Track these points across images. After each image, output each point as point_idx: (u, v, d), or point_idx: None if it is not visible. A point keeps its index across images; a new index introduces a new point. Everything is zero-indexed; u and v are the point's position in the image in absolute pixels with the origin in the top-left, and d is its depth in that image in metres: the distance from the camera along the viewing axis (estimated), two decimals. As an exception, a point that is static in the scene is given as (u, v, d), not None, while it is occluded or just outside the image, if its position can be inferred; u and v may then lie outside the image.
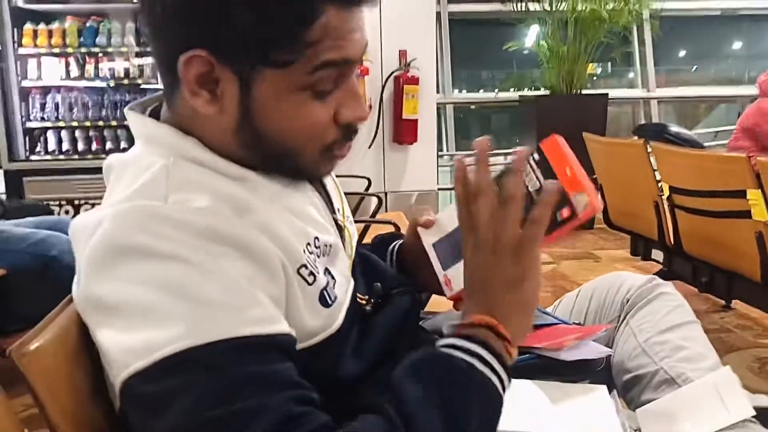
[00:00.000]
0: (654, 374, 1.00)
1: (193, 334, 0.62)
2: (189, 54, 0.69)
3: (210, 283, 0.65)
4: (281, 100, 0.72)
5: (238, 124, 0.74)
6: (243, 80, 0.71)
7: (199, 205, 0.70)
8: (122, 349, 0.64)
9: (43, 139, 4.61)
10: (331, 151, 0.79)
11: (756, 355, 2.56)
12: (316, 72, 0.71)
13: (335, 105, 0.76)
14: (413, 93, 4.27)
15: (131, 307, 0.65)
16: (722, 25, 8.50)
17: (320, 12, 0.69)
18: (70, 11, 4.57)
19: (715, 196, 2.34)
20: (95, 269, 0.67)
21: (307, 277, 0.75)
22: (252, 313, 0.65)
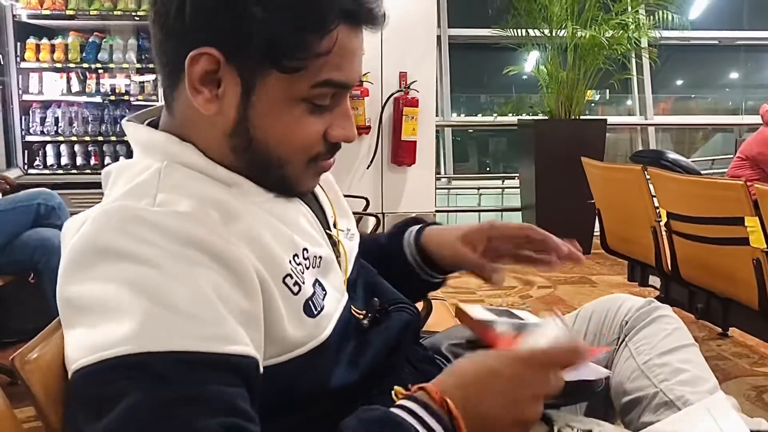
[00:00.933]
0: (653, 397, 1.00)
1: (145, 339, 0.61)
2: (199, 51, 0.71)
3: (176, 290, 0.64)
4: (279, 108, 0.74)
5: (232, 127, 0.76)
6: (246, 84, 0.73)
7: (182, 209, 0.70)
8: (76, 346, 0.63)
9: (41, 152, 4.62)
10: (315, 164, 0.81)
11: (752, 383, 2.55)
12: (317, 88, 0.74)
13: (328, 122, 0.78)
14: (413, 115, 4.29)
15: (94, 305, 0.64)
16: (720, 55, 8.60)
17: (332, 25, 0.72)
18: (73, 27, 4.61)
19: (713, 223, 2.34)
20: (71, 269, 0.67)
21: (291, 287, 0.75)
22: (211, 330, 0.64)
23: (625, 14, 5.01)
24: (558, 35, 4.91)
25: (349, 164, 4.27)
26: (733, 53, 8.56)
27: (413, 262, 1.11)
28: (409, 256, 1.11)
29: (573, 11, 4.85)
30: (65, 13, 4.51)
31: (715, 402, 0.93)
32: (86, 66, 4.56)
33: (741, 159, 4.13)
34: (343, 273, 0.89)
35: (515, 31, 5.16)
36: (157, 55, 0.78)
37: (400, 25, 4.32)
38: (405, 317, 0.95)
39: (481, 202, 7.06)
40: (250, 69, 0.73)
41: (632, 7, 5.09)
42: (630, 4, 5.11)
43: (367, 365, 0.84)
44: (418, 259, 1.11)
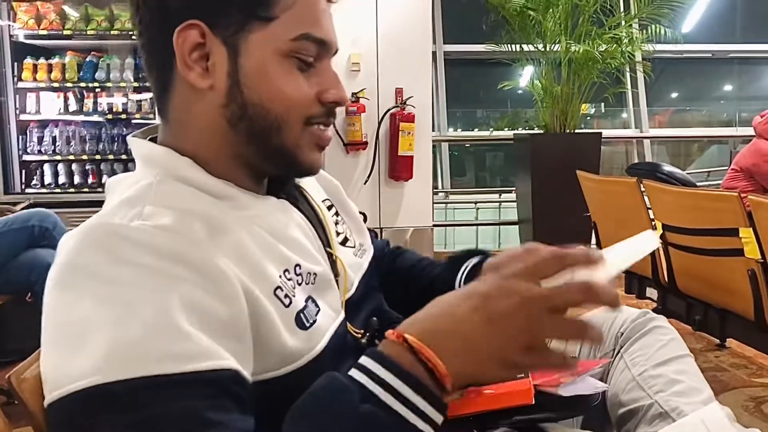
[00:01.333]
0: (648, 408, 1.00)
1: (108, 369, 0.60)
2: (184, 24, 0.75)
3: (143, 313, 0.63)
4: (267, 64, 0.78)
5: (226, 98, 0.78)
6: (231, 47, 0.77)
7: (163, 223, 0.70)
8: (47, 371, 0.64)
9: (39, 172, 4.63)
10: (313, 128, 0.82)
11: (750, 394, 2.55)
12: (297, 41, 0.78)
13: (317, 84, 0.81)
14: (409, 130, 4.31)
15: (62, 326, 0.64)
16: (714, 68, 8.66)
17: None
18: (70, 47, 4.63)
19: (708, 235, 2.36)
20: (49, 288, 0.67)
21: (282, 299, 0.75)
22: (178, 348, 0.62)
23: (619, 28, 5.05)
24: (552, 50, 4.95)
25: (347, 180, 4.29)
26: (727, 66, 8.62)
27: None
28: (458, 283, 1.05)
29: (566, 26, 4.88)
30: (62, 33, 4.54)
31: (709, 413, 0.94)
32: (83, 85, 4.58)
33: (735, 171, 4.15)
34: (341, 292, 0.89)
35: (509, 47, 5.19)
36: (147, 61, 0.82)
37: (395, 41, 4.36)
38: None
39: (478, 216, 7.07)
40: (233, 30, 0.76)
41: (625, 22, 5.14)
42: (623, 18, 5.16)
43: None
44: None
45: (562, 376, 1.02)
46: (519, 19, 4.93)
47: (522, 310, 0.63)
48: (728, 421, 0.94)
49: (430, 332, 0.64)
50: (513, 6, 4.89)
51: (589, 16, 4.91)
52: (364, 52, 4.28)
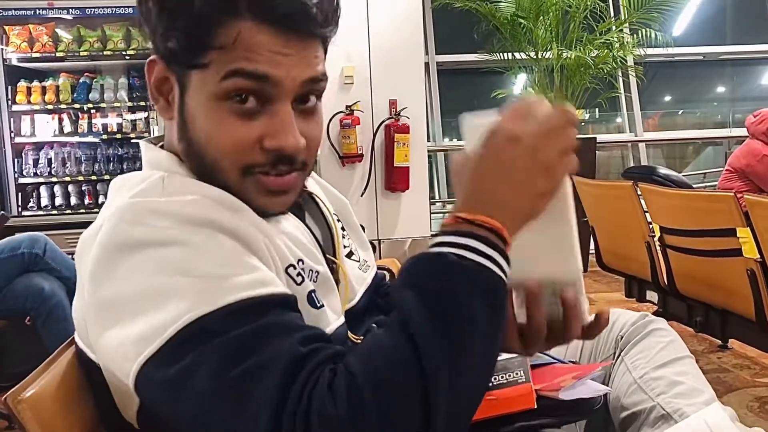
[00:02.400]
0: (650, 410, 1.00)
1: (196, 306, 0.64)
2: (150, 59, 0.79)
3: (204, 257, 0.67)
4: (205, 106, 0.76)
5: (180, 132, 0.80)
6: (180, 85, 0.78)
7: (189, 198, 0.73)
8: (131, 340, 0.65)
9: (35, 194, 4.62)
10: (257, 176, 0.78)
11: (755, 394, 2.54)
12: (225, 80, 0.74)
13: (262, 129, 0.76)
14: (404, 141, 4.32)
15: (133, 298, 0.66)
16: (706, 70, 8.68)
17: (229, 19, 0.73)
18: (63, 68, 4.64)
19: (705, 236, 2.36)
20: (98, 273, 0.69)
21: (295, 277, 0.78)
22: (249, 277, 0.67)
23: (609, 34, 5.07)
24: (544, 57, 4.97)
25: (343, 192, 4.23)
26: (719, 68, 8.65)
27: None
28: None
29: (557, 33, 4.91)
30: (55, 55, 4.56)
31: (711, 413, 0.93)
32: (78, 106, 4.59)
33: (730, 171, 4.16)
34: (342, 298, 0.89)
35: (502, 55, 5.21)
36: None
37: (388, 53, 4.37)
38: None
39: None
40: (179, 70, 0.78)
41: (616, 27, 5.17)
42: (613, 23, 5.19)
43: None
44: None
45: (563, 380, 1.02)
46: (510, 27, 4.95)
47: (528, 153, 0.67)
48: (730, 421, 0.94)
49: (474, 201, 0.67)
50: (504, 15, 4.92)
51: (579, 22, 4.94)
52: (357, 65, 4.29)
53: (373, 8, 4.32)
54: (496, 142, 0.68)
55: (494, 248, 0.64)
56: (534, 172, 0.67)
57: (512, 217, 0.66)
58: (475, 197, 0.67)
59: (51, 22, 4.59)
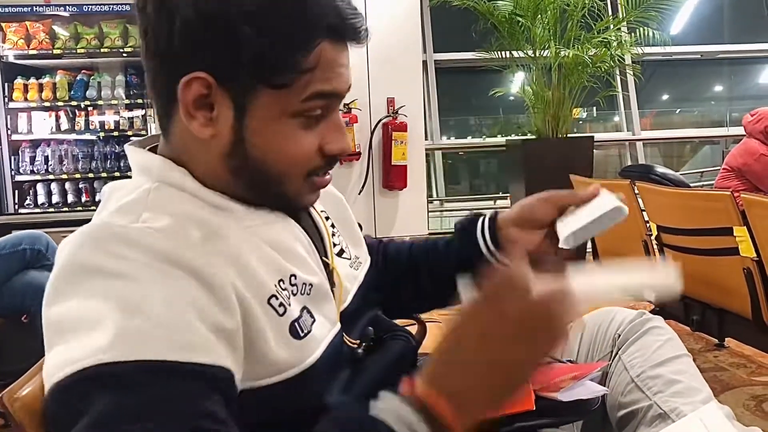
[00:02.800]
0: (648, 409, 1.00)
1: (114, 349, 0.61)
2: (190, 76, 0.73)
3: (149, 300, 0.64)
4: (273, 125, 0.76)
5: (229, 149, 0.77)
6: (238, 104, 0.75)
7: (159, 226, 0.71)
8: (50, 365, 0.63)
9: (32, 192, 4.62)
10: (313, 178, 0.82)
11: (751, 393, 2.54)
12: (307, 101, 0.76)
13: (321, 136, 0.80)
14: (402, 139, 4.32)
15: (71, 323, 0.64)
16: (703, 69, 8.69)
17: (316, 43, 0.75)
18: (61, 66, 4.64)
19: (702, 234, 2.36)
20: (51, 290, 0.68)
21: (277, 308, 0.75)
22: (184, 339, 0.64)
23: (607, 32, 5.07)
24: (542, 56, 4.96)
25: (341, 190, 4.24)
26: (716, 67, 8.66)
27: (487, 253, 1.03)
28: (487, 253, 1.03)
29: (555, 31, 4.90)
30: (52, 53, 4.55)
31: (708, 412, 0.93)
32: (75, 104, 4.59)
33: (727, 170, 4.17)
34: (337, 302, 0.89)
35: (500, 54, 5.21)
36: (151, 87, 0.80)
37: (386, 51, 4.37)
38: (400, 345, 0.95)
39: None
40: (241, 89, 0.74)
41: (614, 25, 5.16)
42: (611, 22, 5.18)
43: (363, 393, 0.84)
44: (496, 255, 1.02)
45: (561, 381, 1.02)
46: (508, 25, 4.95)
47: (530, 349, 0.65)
48: (727, 419, 0.94)
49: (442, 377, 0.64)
50: (502, 13, 4.92)
51: (577, 20, 4.93)
52: (355, 63, 4.26)
53: (371, 6, 4.33)
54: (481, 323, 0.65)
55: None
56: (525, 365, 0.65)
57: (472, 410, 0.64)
58: (445, 372, 0.64)
59: (48, 19, 4.58)
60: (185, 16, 0.72)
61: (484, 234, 1.03)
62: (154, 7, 0.74)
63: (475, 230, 1.04)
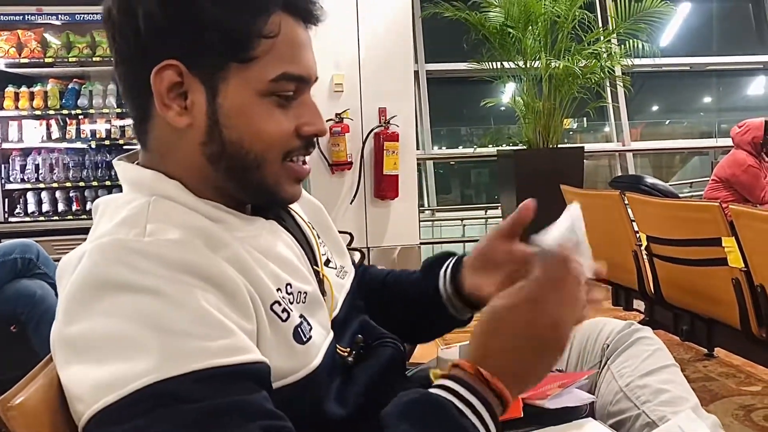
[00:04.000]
0: (636, 418, 1.01)
1: (163, 367, 0.62)
2: (161, 65, 0.75)
3: (181, 314, 0.65)
4: (246, 105, 0.78)
5: (205, 136, 0.78)
6: (210, 87, 0.77)
7: (172, 237, 0.72)
8: (89, 384, 0.64)
9: (23, 200, 4.60)
10: (291, 164, 0.83)
11: (740, 402, 2.56)
12: (276, 82, 0.78)
13: (296, 117, 0.81)
14: (393, 149, 4.33)
15: (102, 340, 0.65)
16: (692, 80, 8.77)
17: (273, 8, 0.78)
18: (52, 74, 4.63)
19: (691, 245, 2.38)
20: (71, 307, 0.68)
21: (280, 314, 0.77)
22: (222, 343, 0.66)
23: (597, 44, 5.11)
24: (532, 66, 4.99)
25: (333, 200, 4.29)
26: (705, 78, 8.74)
27: (445, 297, 1.06)
28: (442, 290, 1.06)
29: (546, 43, 4.93)
30: (44, 61, 4.55)
31: (685, 419, 0.94)
32: (66, 112, 4.58)
33: (716, 181, 4.21)
34: (328, 310, 0.90)
35: (491, 64, 5.23)
36: (126, 94, 0.82)
37: (377, 61, 4.39)
38: (389, 352, 0.96)
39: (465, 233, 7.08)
40: (211, 70, 0.76)
41: (604, 37, 5.20)
42: (601, 34, 5.22)
43: (354, 401, 0.85)
44: (450, 293, 1.05)
45: (549, 389, 1.02)
46: (499, 37, 4.98)
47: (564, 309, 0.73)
48: (704, 425, 0.95)
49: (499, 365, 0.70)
50: (493, 24, 4.94)
51: (567, 32, 4.97)
52: (347, 73, 4.31)
53: (363, 17, 4.34)
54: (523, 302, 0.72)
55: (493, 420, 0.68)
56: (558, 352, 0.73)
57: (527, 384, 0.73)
58: (503, 361, 0.70)
59: (40, 28, 4.58)
60: (147, 7, 0.74)
61: (446, 276, 1.06)
62: (118, 9, 0.77)
63: (440, 270, 1.07)
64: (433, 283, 1.07)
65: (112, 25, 0.78)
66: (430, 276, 1.08)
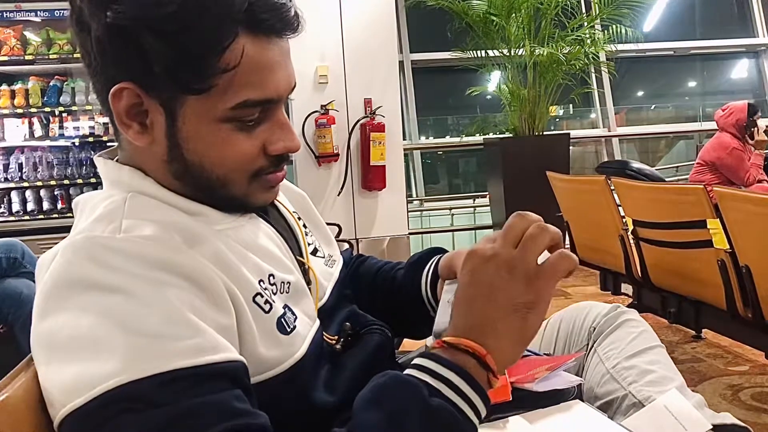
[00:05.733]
0: (623, 399, 1.02)
1: (129, 369, 0.61)
2: (117, 87, 0.73)
3: (149, 314, 0.65)
4: (205, 130, 0.75)
5: (167, 155, 0.77)
6: (168, 110, 0.74)
7: (147, 233, 0.71)
8: (59, 386, 0.63)
9: (6, 200, 4.56)
10: (260, 178, 0.80)
11: (728, 382, 2.59)
12: (238, 109, 0.74)
13: (263, 137, 0.78)
14: (380, 140, 4.32)
15: (71, 339, 0.64)
16: (676, 65, 8.81)
17: (230, 38, 0.71)
18: (33, 72, 4.58)
19: (677, 228, 2.39)
20: (43, 304, 0.68)
21: (263, 306, 0.76)
22: (191, 343, 0.65)
23: (581, 30, 5.12)
24: (517, 54, 5.00)
25: (320, 192, 4.28)
26: (689, 63, 8.78)
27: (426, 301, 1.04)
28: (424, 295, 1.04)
29: (530, 30, 4.94)
30: (24, 59, 4.50)
31: (670, 397, 0.95)
32: (48, 110, 4.54)
33: (701, 164, 4.23)
34: (313, 298, 0.90)
35: (475, 53, 5.24)
36: (98, 97, 0.80)
37: (362, 52, 4.38)
38: (377, 339, 0.96)
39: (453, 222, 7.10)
40: (167, 96, 0.74)
41: (587, 23, 5.21)
42: (585, 20, 5.23)
43: (344, 388, 0.85)
44: (430, 296, 1.03)
45: (537, 372, 1.03)
46: (483, 25, 4.98)
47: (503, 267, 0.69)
48: (690, 403, 0.96)
49: (461, 326, 0.69)
50: (476, 12, 4.94)
51: (551, 19, 4.98)
52: (331, 64, 4.29)
53: (346, 7, 4.32)
54: (473, 266, 0.70)
55: (472, 385, 0.65)
56: (514, 287, 0.68)
57: (501, 337, 0.67)
58: (462, 322, 0.69)
59: (19, 25, 4.53)
60: (95, 31, 0.71)
61: (427, 279, 1.04)
62: (75, 26, 0.75)
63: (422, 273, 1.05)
64: (416, 286, 1.05)
65: (75, 37, 0.76)
66: (414, 278, 1.06)
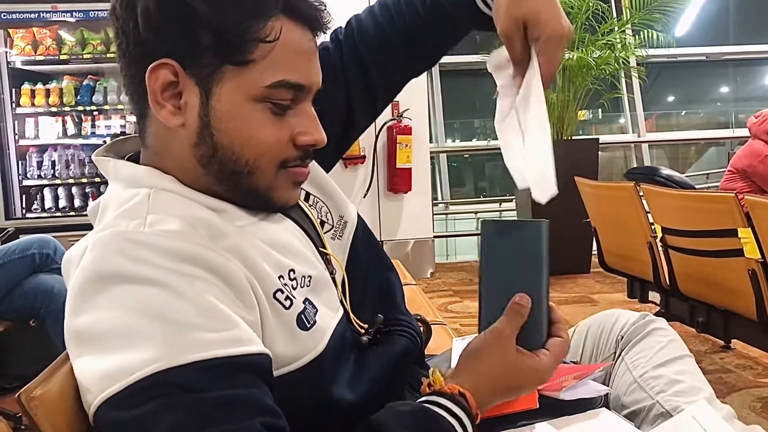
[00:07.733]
0: (650, 408, 1.01)
1: (167, 356, 0.63)
2: (156, 63, 0.74)
3: (184, 305, 0.66)
4: (238, 109, 0.76)
5: (197, 136, 0.78)
6: (204, 88, 0.76)
7: (172, 228, 0.72)
8: (96, 375, 0.65)
9: (39, 196, 4.64)
10: (286, 171, 0.81)
11: (757, 394, 2.54)
12: (273, 88, 0.76)
13: (293, 127, 0.80)
14: (406, 142, 4.33)
15: (107, 332, 0.66)
16: (709, 70, 8.69)
17: (272, 12, 0.76)
18: (67, 71, 4.66)
19: (707, 236, 2.36)
20: (76, 300, 0.69)
21: (283, 302, 0.77)
22: (226, 334, 0.66)
23: (612, 34, 5.07)
24: (546, 58, 4.96)
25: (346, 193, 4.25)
26: (722, 68, 8.66)
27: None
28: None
29: (560, 34, 4.91)
30: (59, 58, 4.57)
31: (699, 408, 0.94)
32: (81, 109, 4.61)
33: (732, 172, 4.17)
34: (338, 288, 0.90)
35: (504, 56, 5.21)
36: (127, 89, 0.81)
37: (389, 55, 4.39)
38: (404, 343, 0.96)
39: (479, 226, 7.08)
40: (206, 71, 0.75)
41: (618, 28, 5.16)
42: (616, 24, 5.19)
43: (365, 388, 0.86)
44: None
45: (564, 381, 1.02)
46: (512, 28, 4.95)
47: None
48: (719, 415, 0.94)
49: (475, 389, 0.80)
50: (506, 16, 4.92)
51: (581, 23, 4.94)
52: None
53: (376, 10, 4.34)
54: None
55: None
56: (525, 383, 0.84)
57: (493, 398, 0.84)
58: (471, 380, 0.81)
59: (54, 25, 4.61)
60: (144, 4, 0.74)
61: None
62: (120, 4, 0.77)
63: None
64: None
65: (116, 19, 0.78)
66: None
